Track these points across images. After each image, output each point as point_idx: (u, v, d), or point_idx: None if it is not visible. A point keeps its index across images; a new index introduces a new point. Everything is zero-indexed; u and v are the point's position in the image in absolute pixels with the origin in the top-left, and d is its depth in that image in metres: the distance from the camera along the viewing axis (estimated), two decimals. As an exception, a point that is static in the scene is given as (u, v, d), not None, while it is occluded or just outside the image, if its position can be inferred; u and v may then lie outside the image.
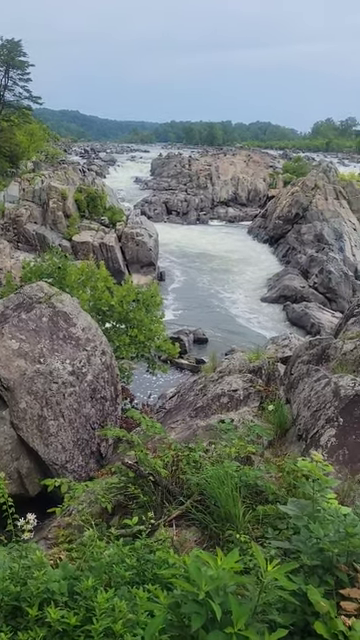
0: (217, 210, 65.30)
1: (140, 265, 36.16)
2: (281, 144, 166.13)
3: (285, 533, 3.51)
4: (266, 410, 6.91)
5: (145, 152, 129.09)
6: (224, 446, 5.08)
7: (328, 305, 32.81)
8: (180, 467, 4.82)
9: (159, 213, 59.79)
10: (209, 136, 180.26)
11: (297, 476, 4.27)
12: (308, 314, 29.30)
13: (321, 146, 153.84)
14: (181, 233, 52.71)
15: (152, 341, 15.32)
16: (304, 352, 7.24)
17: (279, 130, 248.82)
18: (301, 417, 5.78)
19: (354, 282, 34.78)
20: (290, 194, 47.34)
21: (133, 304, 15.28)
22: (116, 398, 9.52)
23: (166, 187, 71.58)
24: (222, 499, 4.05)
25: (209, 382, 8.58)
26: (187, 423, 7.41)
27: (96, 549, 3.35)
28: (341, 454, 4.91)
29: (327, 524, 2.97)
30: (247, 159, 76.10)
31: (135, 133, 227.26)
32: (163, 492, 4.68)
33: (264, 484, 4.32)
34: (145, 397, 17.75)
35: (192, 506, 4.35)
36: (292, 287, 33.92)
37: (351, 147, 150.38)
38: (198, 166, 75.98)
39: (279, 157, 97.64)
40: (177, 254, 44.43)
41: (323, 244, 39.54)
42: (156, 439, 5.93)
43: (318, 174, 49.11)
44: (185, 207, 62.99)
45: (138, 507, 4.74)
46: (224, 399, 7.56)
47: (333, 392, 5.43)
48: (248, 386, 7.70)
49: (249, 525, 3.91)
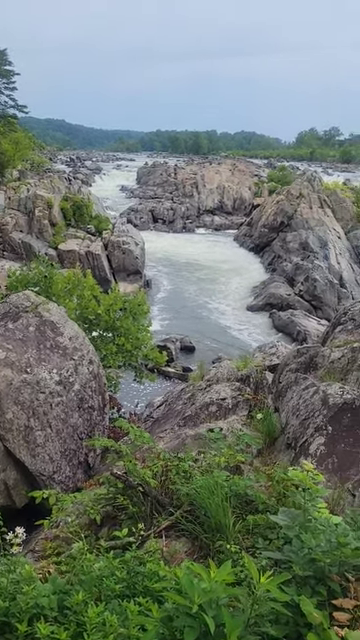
0: (203, 218, 65.56)
1: (126, 273, 36.13)
2: (266, 153, 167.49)
3: (275, 543, 3.50)
4: (255, 419, 6.91)
5: (131, 161, 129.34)
6: (213, 455, 5.06)
7: (314, 312, 33.01)
8: (169, 477, 4.78)
9: (145, 221, 59.87)
10: (194, 145, 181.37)
11: (287, 485, 4.26)
12: (294, 322, 29.44)
13: (305, 155, 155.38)
14: (167, 241, 52.80)
15: (139, 349, 15.27)
16: (292, 360, 7.26)
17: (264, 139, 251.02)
18: (290, 425, 5.79)
19: (339, 290, 35.05)
20: (275, 203, 47.69)
21: (120, 312, 15.24)
22: (104, 407, 9.46)
23: (152, 195, 71.74)
24: (212, 509, 4.03)
25: (197, 391, 8.56)
26: (176, 432, 7.37)
27: (86, 562, 3.31)
28: (330, 462, 4.91)
29: (318, 534, 2.96)
30: (232, 168, 76.58)
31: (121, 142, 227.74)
32: (152, 503, 4.64)
33: (254, 493, 4.30)
34: (132, 406, 17.67)
35: (182, 516, 4.32)
36: (278, 295, 34.09)
37: (334, 156, 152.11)
38: (184, 175, 76.30)
39: (264, 166, 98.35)
40: (163, 262, 44.48)
41: (308, 252, 39.84)
42: (145, 449, 5.89)
43: (303, 183, 49.57)
44: (171, 215, 63.16)
45: (127, 518, 4.69)
46: (213, 408, 7.54)
47: (322, 400, 5.45)
48: (236, 395, 7.69)
49: (239, 535, 3.89)
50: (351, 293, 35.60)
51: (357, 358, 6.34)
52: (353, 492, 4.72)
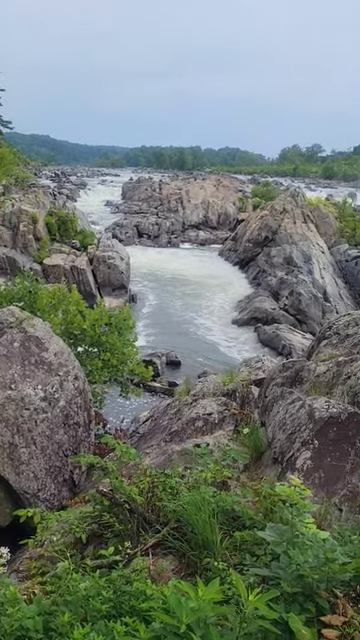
0: (188, 233, 65.90)
1: (112, 288, 36.10)
2: (250, 169, 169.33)
3: (263, 559, 3.48)
4: (241, 433, 6.90)
5: (116, 176, 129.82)
6: (200, 471, 5.03)
7: (298, 326, 33.21)
8: (156, 494, 4.74)
9: (130, 236, 60.01)
10: (179, 161, 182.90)
11: (274, 500, 4.25)
12: (279, 336, 29.58)
13: (288, 171, 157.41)
14: (153, 256, 52.95)
15: (125, 365, 15.21)
16: (278, 374, 7.28)
17: (247, 156, 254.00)
18: (276, 440, 5.78)
19: (323, 304, 35.34)
20: (259, 218, 48.13)
21: (105, 327, 15.18)
22: (89, 424, 9.38)
23: (137, 210, 72.00)
24: (199, 526, 4.00)
25: (183, 406, 8.53)
26: (162, 448, 7.33)
27: (71, 582, 3.26)
28: (317, 477, 4.91)
29: (306, 550, 2.95)
30: (217, 183, 77.25)
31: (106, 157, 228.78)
32: (139, 520, 4.59)
33: (241, 509, 4.28)
34: (118, 422, 17.56)
35: (169, 534, 4.28)
36: (263, 309, 34.26)
37: (317, 172, 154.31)
38: (169, 190, 76.78)
39: (248, 182, 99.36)
40: (149, 277, 44.55)
41: (292, 267, 40.17)
42: (131, 465, 5.84)
43: (286, 198, 50.11)
44: (156, 230, 63.40)
45: (113, 536, 4.64)
46: (199, 423, 7.52)
47: (308, 414, 5.46)
48: (223, 409, 7.68)
49: (227, 552, 3.86)
50: (335, 307, 35.90)
51: (342, 372, 6.37)
52: (340, 507, 4.72)
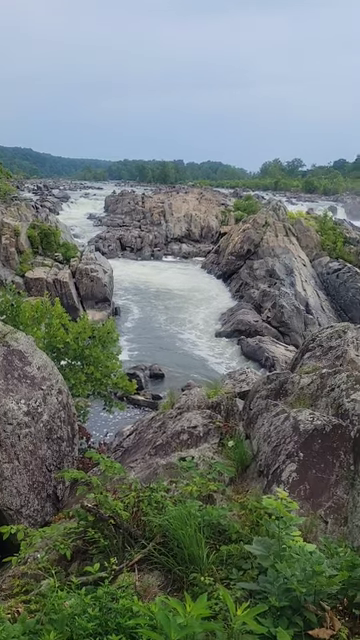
0: (171, 246, 66.13)
1: (95, 301, 36.01)
2: (232, 183, 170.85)
3: (250, 573, 3.46)
4: (226, 446, 6.89)
5: (98, 189, 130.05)
6: (185, 485, 5.00)
7: (281, 339, 33.41)
8: (141, 508, 4.70)
9: (113, 249, 60.03)
10: (162, 174, 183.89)
11: (260, 514, 4.24)
12: (262, 348, 29.71)
13: (270, 185, 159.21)
14: (136, 269, 53.02)
15: (109, 378, 15.14)
16: (262, 387, 7.30)
17: (229, 169, 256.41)
18: (261, 453, 5.79)
19: (305, 316, 35.63)
20: (242, 231, 48.52)
21: (89, 341, 15.12)
22: (73, 438, 9.29)
23: (120, 224, 72.13)
24: (185, 540, 3.97)
25: (168, 419, 8.50)
26: (147, 462, 7.28)
27: (57, 600, 3.21)
28: (302, 489, 4.92)
29: (293, 563, 2.95)
30: (199, 197, 77.80)
31: (88, 171, 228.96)
32: (124, 535, 4.54)
33: (227, 523, 4.26)
34: (101, 435, 17.43)
35: (154, 549, 4.24)
36: (246, 321, 34.42)
37: (298, 186, 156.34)
38: (151, 203, 77.10)
39: (230, 195, 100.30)
40: (132, 290, 44.54)
41: (275, 279, 40.49)
42: (115, 479, 5.79)
43: (268, 212, 50.63)
44: (139, 243, 63.52)
45: (98, 552, 4.58)
46: (184, 436, 7.49)
47: (292, 427, 5.48)
48: (207, 422, 7.67)
49: (213, 566, 3.84)
50: (317, 319, 36.21)
51: (326, 384, 6.42)
52: (325, 519, 4.73)
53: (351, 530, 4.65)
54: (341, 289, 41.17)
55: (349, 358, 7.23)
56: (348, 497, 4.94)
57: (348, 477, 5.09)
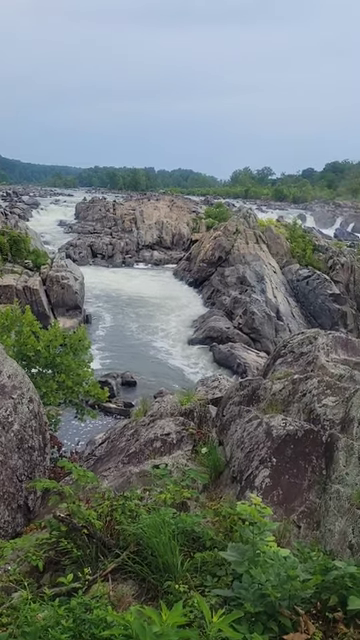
0: (142, 253, 66.10)
1: (66, 308, 35.69)
2: (202, 191, 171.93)
3: (224, 580, 3.46)
4: (199, 453, 6.89)
5: (69, 196, 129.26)
6: (159, 492, 4.99)
7: (252, 345, 33.65)
8: (115, 517, 4.66)
9: (84, 256, 59.69)
10: (132, 181, 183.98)
11: (234, 520, 4.25)
12: (234, 354, 29.87)
13: (240, 193, 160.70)
14: (107, 276, 52.80)
15: (80, 386, 15.00)
16: (235, 393, 7.34)
17: (200, 177, 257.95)
18: (235, 459, 5.81)
19: (276, 322, 35.99)
20: (213, 238, 48.82)
21: (60, 348, 14.97)
22: (44, 447, 9.17)
23: (91, 231, 71.80)
24: (159, 548, 3.95)
25: (141, 426, 8.46)
26: (120, 470, 7.23)
27: (29, 612, 3.16)
28: (275, 494, 4.95)
29: (268, 568, 2.96)
30: (171, 204, 78.06)
31: (58, 177, 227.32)
32: (98, 545, 4.50)
33: (201, 530, 4.26)
34: (73, 444, 17.23)
35: (128, 558, 4.20)
36: (217, 328, 34.57)
37: (268, 194, 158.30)
38: (123, 210, 77.01)
39: (201, 203, 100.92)
40: (103, 297, 44.32)
41: (246, 286, 40.82)
42: (88, 489, 5.74)
43: (239, 219, 51.09)
44: (110, 250, 63.31)
45: (71, 563, 4.52)
46: (157, 443, 7.47)
47: (265, 432, 5.52)
48: (181, 429, 7.66)
49: (188, 574, 3.83)
50: (288, 325, 36.62)
51: (298, 390, 6.49)
52: (298, 523, 4.77)
53: (323, 534, 4.70)
54: (311, 296, 41.75)
55: (320, 364, 7.33)
56: (320, 501, 5.00)
57: (320, 482, 5.15)
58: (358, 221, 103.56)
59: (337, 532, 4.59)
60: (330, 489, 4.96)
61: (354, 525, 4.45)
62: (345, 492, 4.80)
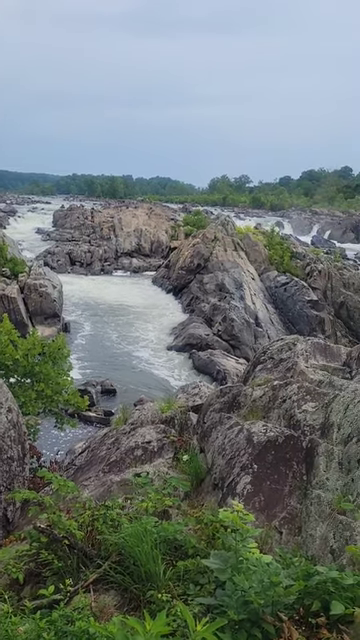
0: (121, 261, 66.00)
1: (44, 317, 35.40)
2: (181, 198, 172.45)
3: (207, 588, 3.46)
4: (181, 461, 6.88)
5: (47, 204, 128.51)
6: (141, 501, 4.96)
7: (232, 352, 33.77)
8: (96, 527, 4.62)
9: (62, 264, 59.36)
10: (111, 189, 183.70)
11: (216, 527, 4.25)
12: (214, 361, 29.94)
13: (218, 201, 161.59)
14: (86, 284, 52.56)
15: (60, 395, 14.86)
16: (215, 400, 7.36)
17: (178, 185, 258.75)
18: (216, 466, 5.81)
19: (255, 329, 36.19)
20: (191, 245, 48.98)
21: (39, 357, 14.82)
22: (24, 457, 9.05)
23: (69, 238, 71.46)
24: (141, 558, 3.93)
25: (121, 435, 8.42)
26: (101, 479, 7.17)
27: (10, 625, 3.11)
28: (257, 501, 4.97)
29: (250, 575, 2.96)
30: (149, 212, 78.15)
31: (36, 185, 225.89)
32: (79, 555, 4.45)
33: (183, 538, 4.24)
34: (52, 454, 17.04)
35: (110, 568, 4.17)
36: (197, 335, 34.63)
37: (245, 202, 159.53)
38: (101, 218, 76.87)
39: (179, 210, 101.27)
40: (82, 305, 44.08)
41: (225, 293, 41.01)
42: (69, 499, 5.68)
43: (217, 227, 51.36)
44: (89, 258, 63.09)
45: (52, 574, 4.46)
46: (138, 452, 7.43)
47: (246, 439, 5.54)
48: (162, 437, 7.64)
49: (170, 583, 3.81)
50: (266, 332, 36.84)
51: (278, 396, 6.53)
52: (280, 529, 4.78)
53: (305, 539, 4.72)
54: (289, 302, 42.10)
55: (299, 369, 7.39)
56: (301, 507, 5.02)
57: (301, 487, 5.18)
58: (334, 228, 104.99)
59: (318, 537, 4.61)
60: (311, 494, 4.99)
61: (335, 530, 4.48)
62: (326, 497, 4.84)
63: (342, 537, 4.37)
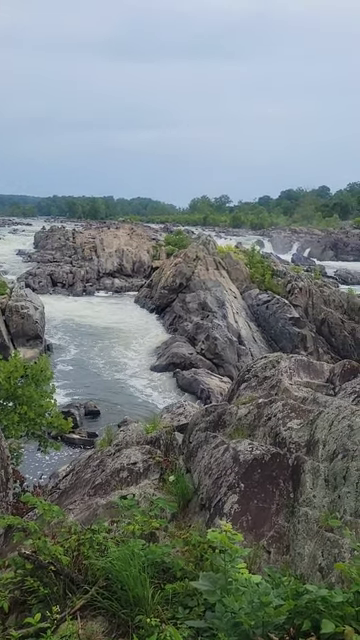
0: (103, 281, 65.98)
1: (26, 338, 35.11)
2: (162, 218, 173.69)
3: (196, 610, 3.42)
4: (167, 481, 6.83)
5: (28, 225, 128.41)
6: (127, 524, 4.91)
7: (216, 370, 33.77)
8: (82, 552, 4.55)
9: (44, 285, 59.15)
10: (92, 210, 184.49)
11: (204, 548, 4.22)
12: (198, 380, 29.90)
13: (199, 220, 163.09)
14: (68, 305, 52.40)
15: (43, 417, 14.69)
16: (200, 419, 7.34)
17: (159, 205, 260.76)
18: (203, 486, 5.78)
19: (238, 347, 36.29)
20: (173, 265, 49.20)
21: (21, 379, 14.67)
22: (7, 482, 8.89)
23: (50, 259, 71.34)
24: (129, 582, 3.87)
25: (106, 456, 8.33)
26: (86, 502, 7.07)
27: (-4, 657, 3.04)
28: (245, 520, 4.94)
29: (240, 596, 2.95)
30: (130, 232, 78.49)
31: (17, 207, 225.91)
32: (65, 582, 4.37)
33: (171, 560, 4.20)
34: (36, 478, 16.78)
35: (98, 593, 4.10)
36: (180, 354, 34.60)
37: (226, 221, 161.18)
38: (82, 239, 76.97)
39: (161, 230, 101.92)
40: (64, 326, 43.86)
41: (207, 312, 41.14)
42: (54, 523, 5.60)
43: (198, 246, 51.71)
44: (71, 279, 62.99)
45: (38, 602, 4.37)
46: (123, 473, 7.36)
47: (232, 458, 5.52)
48: (147, 458, 7.58)
49: (159, 607, 3.76)
50: (249, 350, 36.96)
51: (263, 414, 6.54)
52: (268, 549, 4.76)
53: (293, 558, 4.70)
54: (271, 320, 42.35)
55: (283, 387, 7.42)
56: (289, 525, 5.01)
57: (288, 505, 5.17)
58: (314, 246, 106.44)
59: (307, 555, 4.60)
60: (298, 512, 4.99)
61: (323, 548, 4.47)
62: (313, 515, 4.83)
63: (330, 554, 4.36)
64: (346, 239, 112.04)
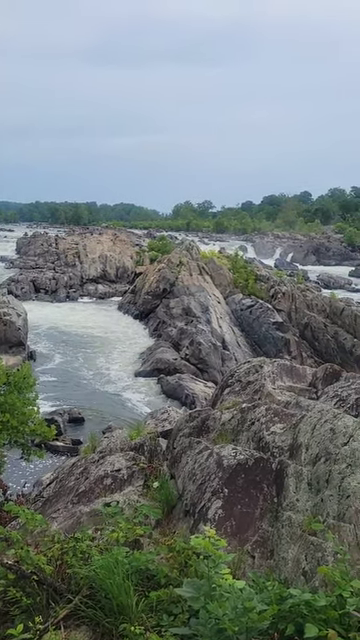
0: (87, 287, 65.78)
1: (9, 345, 34.81)
2: (145, 224, 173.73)
3: (181, 617, 3.40)
4: (151, 488, 6.80)
5: (10, 231, 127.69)
6: (111, 531, 4.87)
7: (200, 375, 33.79)
8: (66, 560, 4.51)
9: (27, 292, 58.77)
10: (75, 216, 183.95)
11: (188, 554, 4.20)
12: (182, 385, 29.89)
13: (182, 226, 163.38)
14: (51, 311, 52.09)
15: (26, 425, 14.54)
16: (185, 425, 7.33)
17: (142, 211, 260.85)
18: (187, 491, 5.77)
19: (223, 352, 36.37)
20: (157, 270, 49.24)
21: (4, 387, 14.52)
22: (-11, 491, 8.81)
23: (33, 266, 70.96)
24: (113, 590, 3.84)
25: (90, 464, 8.28)
26: (70, 510, 7.02)
27: (-23, 670, 2.99)
28: (229, 525, 4.94)
29: (224, 601, 2.94)
30: (114, 238, 78.41)
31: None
32: (48, 591, 4.32)
33: (155, 567, 4.18)
34: (19, 487, 16.61)
35: (81, 602, 4.06)
36: (165, 360, 34.58)
37: (209, 227, 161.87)
38: (65, 245, 76.67)
39: (144, 236, 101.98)
40: (48, 333, 43.58)
41: (191, 317, 41.20)
42: (37, 532, 5.54)
43: (182, 252, 51.83)
44: (54, 285, 62.69)
45: (21, 612, 4.31)
46: (107, 480, 7.32)
47: (216, 463, 5.52)
48: (131, 464, 7.55)
49: (143, 615, 3.73)
50: (234, 355, 37.05)
51: (246, 418, 6.56)
52: (252, 554, 4.76)
53: (277, 562, 4.71)
54: (255, 324, 42.53)
55: (267, 391, 7.45)
56: (273, 530, 5.02)
57: (272, 509, 5.18)
58: (296, 251, 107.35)
59: (290, 559, 4.61)
60: (282, 516, 5.00)
61: (307, 551, 4.49)
62: (297, 519, 4.85)
63: (314, 558, 4.38)
64: (328, 244, 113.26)
